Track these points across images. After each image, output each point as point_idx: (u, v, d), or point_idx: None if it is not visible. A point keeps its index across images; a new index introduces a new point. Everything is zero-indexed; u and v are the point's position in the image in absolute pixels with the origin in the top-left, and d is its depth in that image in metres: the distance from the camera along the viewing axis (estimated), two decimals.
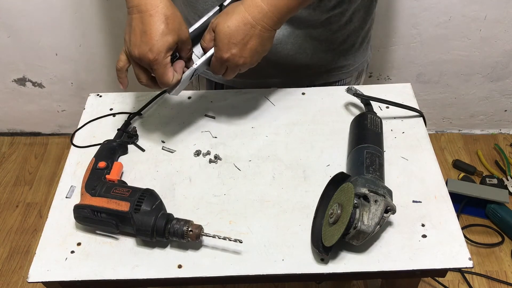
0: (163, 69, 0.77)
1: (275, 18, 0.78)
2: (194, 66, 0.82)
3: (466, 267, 0.73)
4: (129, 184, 0.82)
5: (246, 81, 1.06)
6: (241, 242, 0.73)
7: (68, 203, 0.82)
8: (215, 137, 0.93)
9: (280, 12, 0.78)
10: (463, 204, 1.66)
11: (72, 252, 0.76)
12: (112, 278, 0.73)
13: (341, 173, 0.78)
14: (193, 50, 0.85)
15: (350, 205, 0.69)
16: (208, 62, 0.83)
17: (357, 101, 0.97)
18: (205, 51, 0.82)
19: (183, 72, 0.81)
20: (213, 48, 0.80)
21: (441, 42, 1.67)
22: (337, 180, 0.77)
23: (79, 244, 0.77)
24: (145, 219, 0.73)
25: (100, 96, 1.03)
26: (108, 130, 0.95)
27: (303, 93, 1.01)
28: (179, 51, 0.81)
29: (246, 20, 0.76)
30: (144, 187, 0.77)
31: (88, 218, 0.76)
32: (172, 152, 0.91)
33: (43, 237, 0.78)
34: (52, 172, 1.96)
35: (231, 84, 1.09)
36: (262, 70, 1.03)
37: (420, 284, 1.05)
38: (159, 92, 1.01)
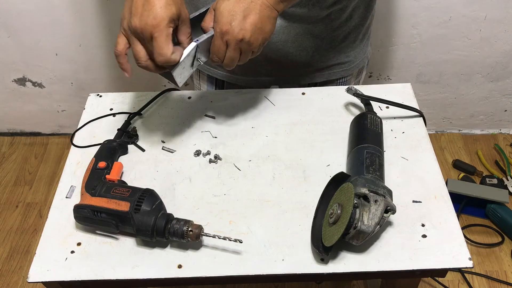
0: (164, 38, 0.74)
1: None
2: (195, 42, 0.78)
3: (466, 267, 0.73)
4: (129, 184, 0.82)
5: (248, 78, 1.06)
6: (241, 242, 0.73)
7: (68, 203, 0.82)
8: (215, 137, 0.93)
9: None
10: (463, 204, 1.66)
11: (72, 252, 0.76)
12: (112, 278, 0.73)
13: (341, 173, 0.78)
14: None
15: (350, 205, 0.69)
16: (209, 46, 0.80)
17: (357, 101, 0.97)
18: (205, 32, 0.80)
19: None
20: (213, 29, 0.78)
21: (441, 42, 1.67)
22: (337, 180, 0.77)
23: (79, 244, 0.77)
24: (145, 219, 0.73)
25: (100, 96, 1.03)
26: (108, 130, 0.95)
27: (303, 93, 1.01)
28: (178, 33, 0.79)
29: None
30: (144, 187, 0.77)
31: (88, 218, 0.76)
32: (172, 152, 0.91)
33: (43, 237, 0.78)
34: (52, 172, 1.96)
35: (233, 82, 1.08)
36: (263, 69, 1.03)
37: (420, 284, 1.05)
38: (159, 92, 1.01)
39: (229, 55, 0.79)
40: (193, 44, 0.79)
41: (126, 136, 0.92)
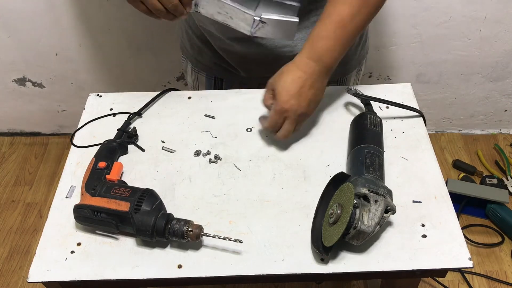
0: None
1: (324, 70, 0.85)
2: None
3: (466, 267, 0.73)
4: (129, 184, 0.82)
5: (250, 80, 1.06)
6: (241, 242, 0.73)
7: (68, 203, 0.82)
8: (215, 137, 0.93)
9: (326, 66, 0.84)
10: (463, 204, 1.66)
11: (72, 252, 0.76)
12: (112, 278, 0.73)
13: (341, 173, 0.78)
14: None
15: (350, 205, 0.69)
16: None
17: (357, 101, 0.97)
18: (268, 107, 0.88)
19: None
20: None
21: (441, 42, 1.66)
22: (337, 180, 0.77)
23: (79, 244, 0.77)
24: (145, 219, 0.73)
25: (100, 96, 1.03)
26: (108, 130, 0.95)
27: None
28: None
29: (299, 74, 0.83)
30: (144, 187, 0.77)
31: (88, 218, 0.76)
32: (172, 152, 0.91)
33: (43, 237, 0.78)
34: (52, 172, 1.96)
35: (233, 79, 1.08)
36: (263, 71, 1.03)
37: (420, 284, 1.05)
38: (159, 92, 1.01)
39: (286, 128, 0.86)
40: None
41: (126, 136, 0.92)
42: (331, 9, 0.84)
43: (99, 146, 0.89)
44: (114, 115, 0.98)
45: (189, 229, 0.73)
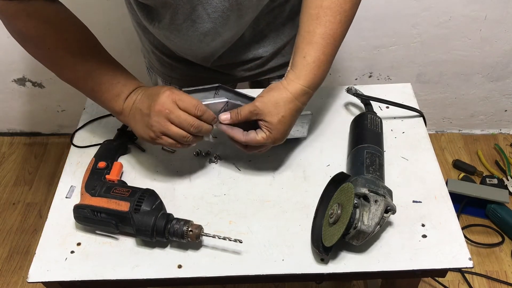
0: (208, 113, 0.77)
1: (312, 95, 0.81)
2: (224, 99, 0.80)
3: (466, 267, 0.73)
4: (129, 184, 0.82)
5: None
6: (241, 242, 0.73)
7: (68, 203, 0.82)
8: (215, 137, 0.93)
9: (316, 90, 0.80)
10: (463, 204, 1.66)
11: (72, 252, 0.76)
12: (112, 278, 0.73)
13: (341, 173, 0.78)
14: None
15: (350, 205, 0.69)
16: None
17: (357, 101, 0.97)
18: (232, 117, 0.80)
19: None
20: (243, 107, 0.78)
21: (441, 42, 1.66)
22: (337, 180, 0.77)
23: (79, 244, 0.77)
24: (145, 219, 0.73)
25: None
26: (108, 130, 0.95)
27: None
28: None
29: (297, 106, 0.78)
30: (144, 187, 0.77)
31: (88, 218, 0.76)
32: (172, 152, 0.91)
33: (43, 237, 0.78)
34: (52, 172, 1.96)
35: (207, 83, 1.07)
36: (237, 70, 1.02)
37: (420, 284, 1.05)
38: None
39: (263, 150, 0.82)
40: (224, 101, 0.80)
41: (126, 136, 0.92)
42: (324, 30, 0.77)
43: (99, 146, 0.89)
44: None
45: (189, 229, 0.73)
